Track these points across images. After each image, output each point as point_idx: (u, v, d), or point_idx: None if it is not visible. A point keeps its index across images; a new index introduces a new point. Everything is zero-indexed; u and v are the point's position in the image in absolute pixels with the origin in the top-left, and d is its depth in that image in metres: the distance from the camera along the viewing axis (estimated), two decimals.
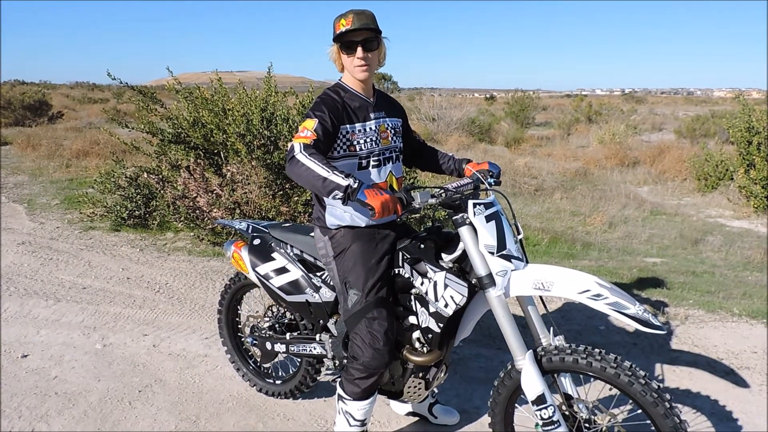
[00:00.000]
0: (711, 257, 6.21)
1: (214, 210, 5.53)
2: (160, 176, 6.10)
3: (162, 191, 6.04)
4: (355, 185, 1.96)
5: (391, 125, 2.40)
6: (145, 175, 6.19)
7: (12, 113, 19.98)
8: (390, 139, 2.39)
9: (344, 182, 1.97)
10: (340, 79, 2.39)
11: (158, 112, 6.28)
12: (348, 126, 2.26)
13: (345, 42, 2.22)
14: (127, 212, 6.48)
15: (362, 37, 2.20)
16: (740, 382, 3.25)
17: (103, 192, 6.78)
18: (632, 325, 1.87)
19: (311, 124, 2.16)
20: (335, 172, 2.00)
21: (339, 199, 2.00)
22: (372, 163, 2.32)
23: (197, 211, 5.68)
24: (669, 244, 6.70)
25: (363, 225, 2.34)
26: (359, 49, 2.21)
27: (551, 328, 2.18)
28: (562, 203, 8.82)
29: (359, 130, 2.28)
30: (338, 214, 2.35)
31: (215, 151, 6.02)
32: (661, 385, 2.30)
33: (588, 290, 1.95)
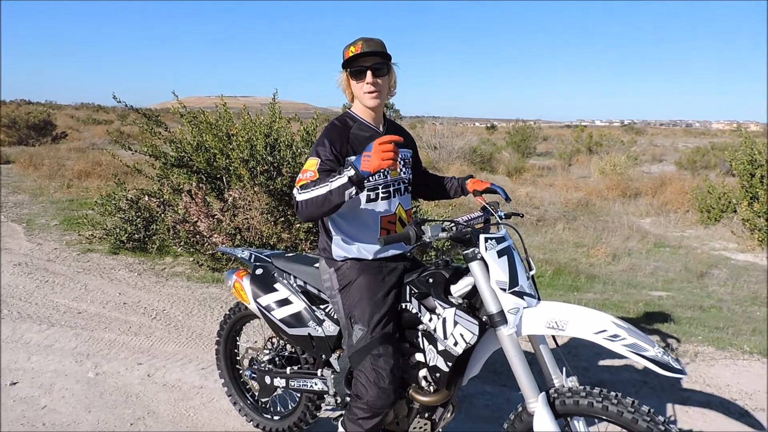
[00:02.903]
0: (717, 291, 6.11)
1: (215, 235, 5.46)
2: (162, 199, 6.05)
3: (163, 215, 5.98)
4: (353, 172, 1.91)
5: (400, 156, 2.34)
6: (146, 198, 6.13)
7: (16, 132, 20.04)
8: (399, 170, 2.32)
9: (344, 178, 1.92)
10: (349, 108, 2.34)
11: (162, 135, 6.25)
12: (353, 157, 2.18)
13: (354, 68, 2.18)
14: (126, 235, 6.41)
15: (371, 62, 2.16)
16: (756, 425, 3.14)
17: (103, 214, 6.71)
18: (651, 369, 1.79)
19: (313, 164, 2.10)
20: (330, 179, 1.96)
21: (356, 193, 1.95)
22: (381, 195, 2.25)
23: (197, 236, 5.61)
24: (674, 278, 6.61)
25: (370, 258, 2.26)
26: (368, 74, 2.16)
27: (564, 368, 2.09)
28: (564, 234, 8.74)
29: None
30: (345, 245, 2.27)
31: (218, 176, 5.98)
32: (681, 429, 2.19)
33: (604, 330, 1.87)
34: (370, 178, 2.19)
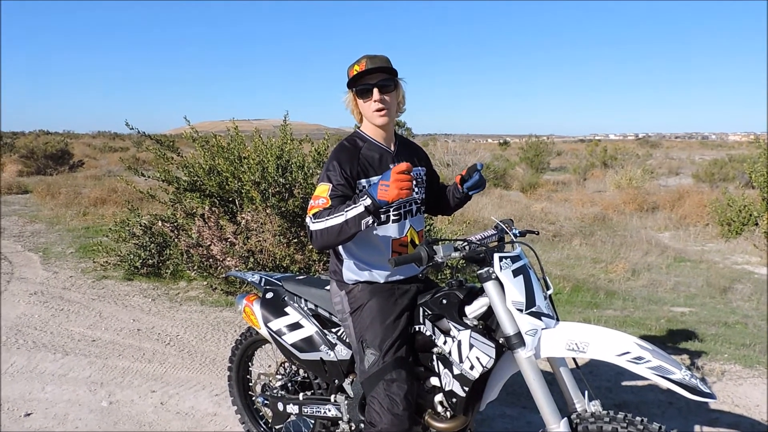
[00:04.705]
0: (741, 307, 5.95)
1: (228, 258, 5.44)
2: (175, 224, 6.06)
3: (176, 239, 5.99)
4: (369, 201, 1.88)
5: (412, 176, 2.29)
6: (160, 223, 6.15)
7: (34, 162, 20.41)
8: (411, 190, 2.27)
9: (361, 207, 1.89)
10: (359, 128, 2.29)
11: (175, 160, 6.30)
12: (364, 180, 2.14)
13: (360, 86, 2.13)
14: (140, 261, 6.41)
15: (377, 79, 2.11)
16: None
17: (117, 241, 6.74)
18: (679, 393, 1.70)
19: (324, 190, 2.06)
20: (346, 209, 1.92)
21: (372, 222, 1.92)
22: (392, 217, 2.19)
23: (211, 260, 5.60)
24: (696, 293, 6.45)
25: (382, 281, 2.21)
26: (375, 92, 2.11)
27: (585, 391, 2.00)
28: (581, 249, 8.62)
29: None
30: (356, 268, 2.22)
31: (230, 199, 5.99)
32: None
33: (628, 352, 1.79)
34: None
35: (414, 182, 2.26)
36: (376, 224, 2.16)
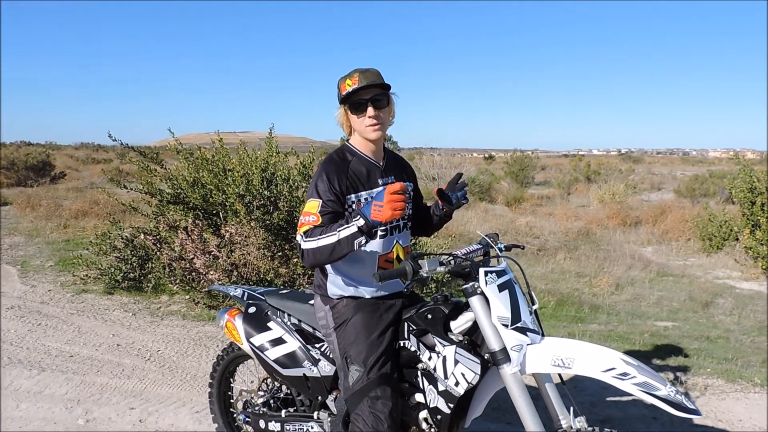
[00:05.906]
0: (723, 321, 6.00)
1: (211, 272, 5.37)
2: (157, 237, 5.97)
3: (158, 252, 5.90)
4: (362, 222, 1.87)
5: (406, 195, 2.25)
6: (142, 236, 6.06)
7: (15, 174, 20.06)
8: (404, 210, 2.24)
9: (354, 228, 1.88)
10: (347, 141, 2.27)
11: (158, 172, 6.22)
12: (353, 195, 2.13)
13: (353, 102, 2.11)
14: (121, 274, 6.30)
15: (371, 94, 2.09)
16: None
17: (98, 254, 6.62)
18: (664, 409, 1.69)
19: (314, 206, 2.04)
20: (339, 228, 1.91)
21: (365, 243, 1.91)
22: (379, 233, 2.17)
23: (193, 273, 5.52)
24: (679, 307, 6.49)
25: (368, 296, 2.18)
26: (369, 108, 2.09)
27: (571, 408, 1.99)
28: (566, 264, 8.65)
29: (365, 199, 2.15)
30: (341, 283, 2.19)
31: (214, 212, 5.92)
32: None
33: (613, 368, 1.78)
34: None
35: None
36: (373, 238, 2.13)
